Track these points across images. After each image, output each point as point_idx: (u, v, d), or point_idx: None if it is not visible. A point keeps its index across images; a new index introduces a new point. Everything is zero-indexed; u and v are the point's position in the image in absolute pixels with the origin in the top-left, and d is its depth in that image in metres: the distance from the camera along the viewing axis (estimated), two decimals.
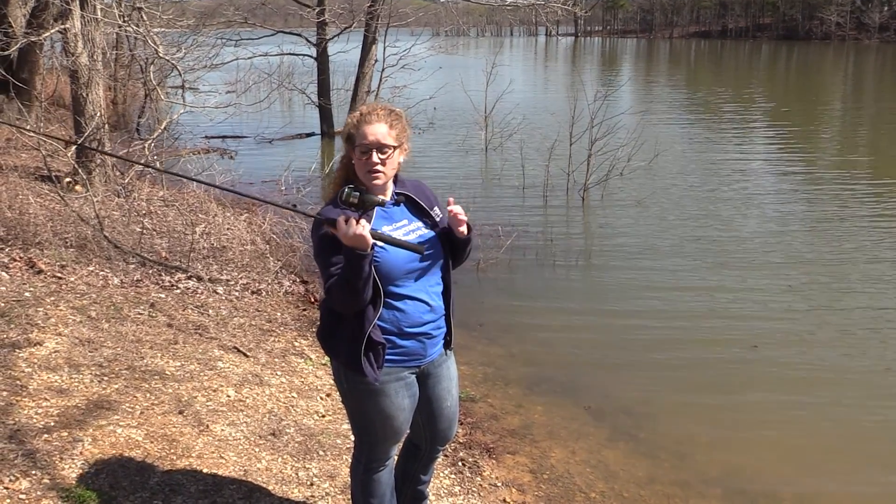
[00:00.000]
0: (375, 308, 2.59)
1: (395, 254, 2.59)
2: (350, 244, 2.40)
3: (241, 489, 3.50)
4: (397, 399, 2.74)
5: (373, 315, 2.59)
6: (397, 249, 2.58)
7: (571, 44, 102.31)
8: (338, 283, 2.48)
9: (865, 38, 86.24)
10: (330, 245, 2.49)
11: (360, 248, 2.40)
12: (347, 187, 2.45)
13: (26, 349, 4.50)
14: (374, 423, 2.77)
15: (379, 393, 2.70)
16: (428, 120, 18.19)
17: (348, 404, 2.84)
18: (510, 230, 8.99)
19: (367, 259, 2.42)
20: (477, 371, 5.69)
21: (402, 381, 2.75)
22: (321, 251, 2.56)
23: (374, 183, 2.60)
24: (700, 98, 27.74)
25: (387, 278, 2.59)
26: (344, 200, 2.44)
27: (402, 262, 2.62)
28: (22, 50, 11.46)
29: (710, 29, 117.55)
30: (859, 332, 6.42)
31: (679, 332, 6.47)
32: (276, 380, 4.82)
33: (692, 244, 8.95)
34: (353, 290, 2.46)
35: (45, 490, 3.20)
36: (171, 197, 8.96)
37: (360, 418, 2.82)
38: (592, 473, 4.37)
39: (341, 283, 2.47)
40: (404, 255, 2.61)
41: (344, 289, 2.47)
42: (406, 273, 2.64)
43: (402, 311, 2.66)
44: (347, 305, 2.55)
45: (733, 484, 4.34)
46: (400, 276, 2.63)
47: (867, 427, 4.98)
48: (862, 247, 8.74)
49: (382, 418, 2.75)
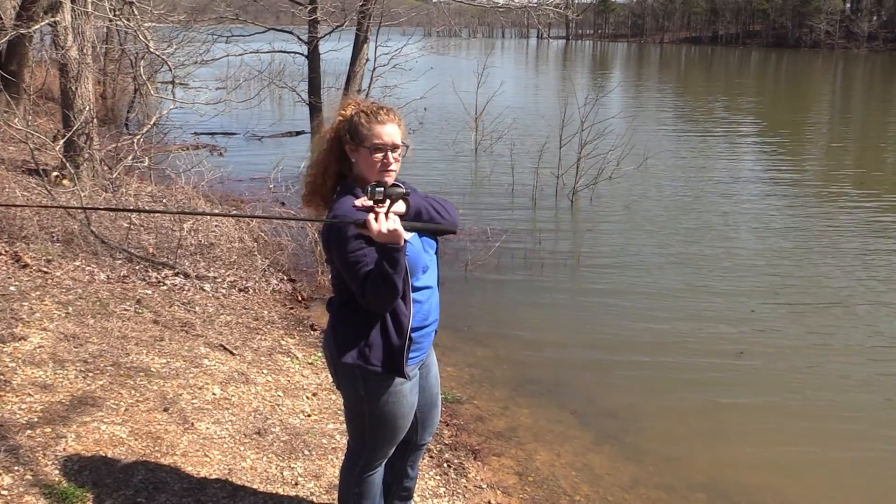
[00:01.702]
0: (407, 303, 2.58)
1: (417, 246, 2.60)
2: (384, 240, 2.35)
3: (226, 488, 3.48)
4: (411, 397, 2.74)
5: (407, 310, 2.58)
6: (417, 241, 2.59)
7: (563, 47, 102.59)
8: (373, 281, 2.43)
9: (854, 47, 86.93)
10: (359, 246, 2.46)
11: (393, 243, 2.37)
12: (370, 185, 2.39)
13: (10, 344, 4.47)
14: (386, 425, 2.73)
15: (399, 394, 2.68)
16: (418, 120, 18.18)
17: (360, 410, 2.73)
18: (499, 232, 9.01)
19: (401, 252, 2.40)
20: (463, 372, 5.69)
21: (415, 377, 2.76)
22: (350, 253, 2.47)
23: (385, 181, 2.58)
24: (689, 104, 27.87)
25: (412, 270, 2.58)
26: (371, 198, 2.39)
27: (422, 253, 2.64)
28: (11, 42, 11.36)
29: (701, 35, 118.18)
30: (846, 340, 6.47)
31: (665, 336, 6.49)
32: (262, 378, 4.80)
33: (679, 249, 8.99)
34: (392, 286, 2.43)
35: (28, 486, 3.17)
36: (160, 193, 8.91)
37: (373, 423, 2.73)
38: (577, 476, 4.38)
39: (378, 282, 2.42)
40: (422, 245, 2.64)
41: (381, 287, 2.43)
42: (424, 264, 2.66)
43: (420, 303, 2.66)
44: (387, 303, 2.51)
45: (717, 489, 4.35)
46: (420, 266, 2.64)
47: (852, 434, 5.00)
48: (848, 253, 8.80)
49: (396, 419, 2.72)
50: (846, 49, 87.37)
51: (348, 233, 2.45)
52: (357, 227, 2.39)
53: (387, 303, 2.51)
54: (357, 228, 2.39)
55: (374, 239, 2.37)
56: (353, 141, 2.62)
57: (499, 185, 12.13)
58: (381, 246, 2.39)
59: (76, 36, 8.70)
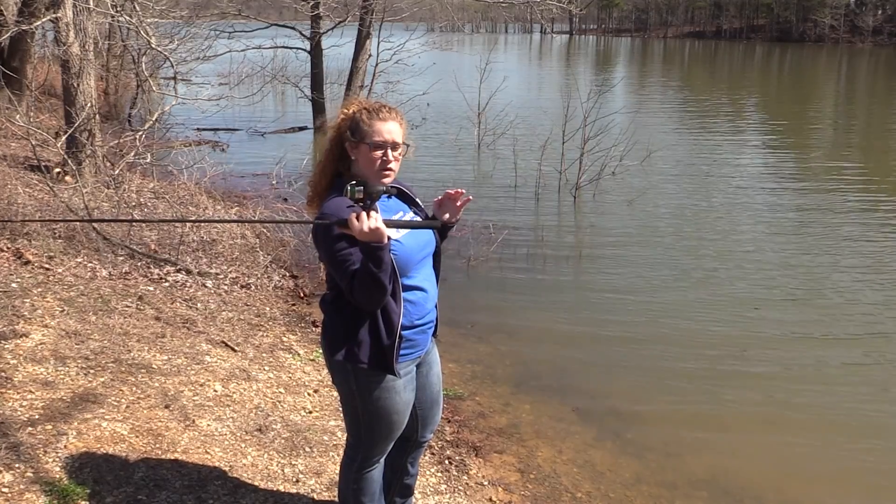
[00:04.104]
0: (397, 301, 2.59)
1: (409, 244, 2.61)
2: (367, 239, 2.37)
3: (227, 485, 3.48)
4: (405, 394, 2.75)
5: (398, 308, 2.59)
6: (411, 240, 2.60)
7: (566, 42, 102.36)
8: (360, 280, 2.45)
9: (859, 42, 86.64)
10: (344, 245, 2.47)
11: (376, 241, 2.38)
12: (349, 184, 2.41)
13: (12, 341, 4.47)
14: (380, 421, 2.74)
15: (391, 390, 2.69)
16: (421, 116, 18.16)
17: (354, 405, 2.76)
18: (501, 228, 8.99)
19: (385, 250, 2.41)
20: (465, 369, 5.68)
21: (409, 374, 2.76)
22: (336, 252, 2.49)
23: (384, 180, 2.61)
24: (693, 99, 27.80)
25: (403, 270, 2.59)
26: (350, 197, 2.41)
27: (415, 252, 2.64)
28: (13, 38, 11.38)
29: (705, 29, 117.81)
30: (851, 335, 6.45)
31: (668, 332, 6.47)
32: (264, 375, 4.80)
33: (683, 244, 8.97)
34: (378, 284, 2.44)
35: (29, 483, 3.17)
36: (162, 189, 8.91)
37: (367, 418, 2.75)
38: (579, 473, 4.37)
39: (364, 280, 2.44)
40: (416, 244, 2.64)
41: (368, 285, 2.44)
42: (417, 263, 2.66)
43: (412, 303, 2.66)
44: (374, 301, 2.52)
45: (720, 486, 4.34)
46: (413, 266, 2.64)
47: (856, 430, 4.99)
48: (854, 248, 8.78)
49: (390, 415, 2.73)
50: (851, 43, 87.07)
51: (334, 232, 2.46)
52: (339, 227, 2.42)
53: (375, 301, 2.52)
54: (339, 228, 2.42)
55: (357, 238, 2.38)
56: (353, 137, 2.63)
57: (501, 180, 12.10)
58: (364, 245, 2.41)
59: (78, 32, 8.69)
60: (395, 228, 2.54)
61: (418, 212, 2.80)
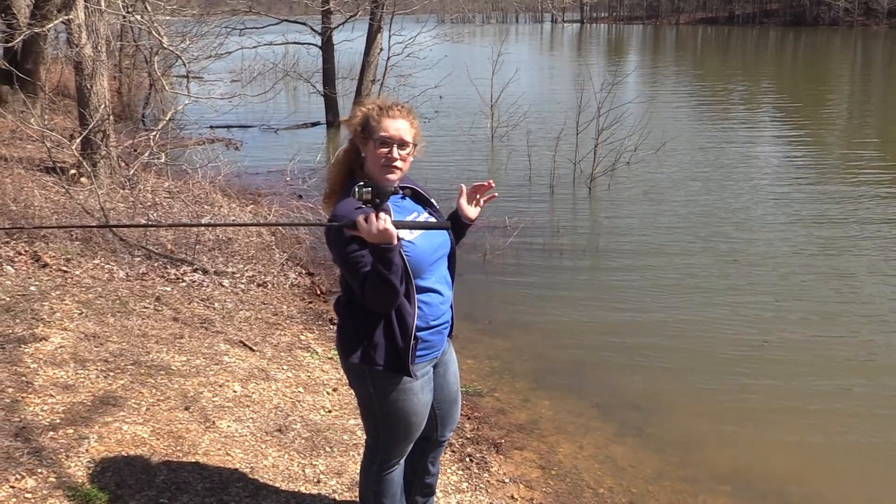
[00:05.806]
0: (411, 303, 2.58)
1: (422, 246, 2.60)
2: (376, 241, 2.36)
3: (248, 487, 3.48)
4: (423, 395, 2.74)
5: (412, 310, 2.58)
6: (424, 242, 2.59)
7: (577, 31, 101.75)
8: (371, 282, 2.44)
9: (874, 24, 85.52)
10: (356, 247, 2.46)
11: (385, 243, 2.37)
12: (357, 186, 2.40)
13: (32, 344, 4.49)
14: (399, 423, 2.73)
15: (409, 392, 2.68)
16: (433, 108, 18.11)
17: (372, 408, 2.75)
18: (516, 221, 8.95)
19: (395, 252, 2.40)
20: (483, 365, 5.66)
21: (426, 375, 2.76)
22: (347, 254, 2.49)
23: (389, 177, 2.60)
24: (707, 86, 27.54)
25: (416, 271, 2.58)
26: (358, 198, 2.40)
27: (429, 254, 2.63)
28: (26, 41, 11.39)
29: (717, 15, 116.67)
30: (872, 329, 6.35)
31: (687, 326, 6.42)
32: (283, 374, 4.80)
33: (700, 236, 8.89)
34: (390, 285, 2.43)
35: (52, 489, 3.18)
36: (177, 188, 8.92)
37: (385, 420, 2.74)
38: (600, 469, 4.35)
39: (375, 282, 2.43)
40: (430, 246, 2.63)
41: (379, 286, 2.44)
42: (430, 264, 2.65)
43: (427, 304, 2.65)
44: (387, 302, 2.51)
45: (742, 479, 4.31)
46: (426, 268, 2.63)
47: (880, 424, 4.92)
48: (873, 238, 8.67)
49: (408, 417, 2.73)
50: (865, 26, 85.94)
51: (345, 234, 2.45)
52: (348, 229, 2.40)
53: (387, 303, 2.51)
54: (348, 230, 2.40)
55: (366, 239, 2.37)
56: (363, 134, 2.64)
57: (515, 173, 12.04)
58: (373, 246, 2.39)
59: (90, 33, 8.71)
60: (407, 230, 2.53)
61: (433, 213, 2.78)
